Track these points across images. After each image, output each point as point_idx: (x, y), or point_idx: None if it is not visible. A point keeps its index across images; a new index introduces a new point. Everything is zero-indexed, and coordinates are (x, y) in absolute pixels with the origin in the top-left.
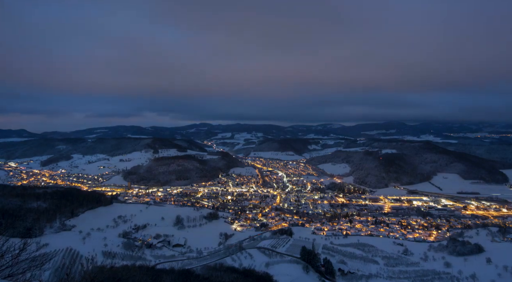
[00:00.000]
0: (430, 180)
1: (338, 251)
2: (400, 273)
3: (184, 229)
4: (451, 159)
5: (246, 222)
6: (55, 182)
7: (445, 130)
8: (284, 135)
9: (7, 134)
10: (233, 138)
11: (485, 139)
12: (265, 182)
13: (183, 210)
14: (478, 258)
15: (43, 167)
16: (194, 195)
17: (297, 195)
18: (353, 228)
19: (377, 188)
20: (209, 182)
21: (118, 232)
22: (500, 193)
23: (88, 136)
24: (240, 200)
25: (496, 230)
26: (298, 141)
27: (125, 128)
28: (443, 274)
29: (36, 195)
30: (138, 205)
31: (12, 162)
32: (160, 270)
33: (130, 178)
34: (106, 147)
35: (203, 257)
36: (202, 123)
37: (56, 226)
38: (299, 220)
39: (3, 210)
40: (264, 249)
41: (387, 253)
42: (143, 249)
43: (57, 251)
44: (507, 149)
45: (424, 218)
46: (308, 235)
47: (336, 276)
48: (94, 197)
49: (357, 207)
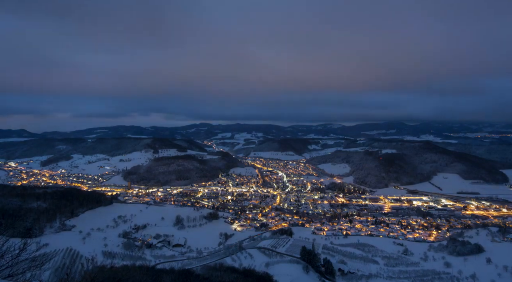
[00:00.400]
0: (430, 180)
1: (338, 251)
2: (400, 273)
3: (184, 229)
4: (451, 159)
5: (246, 222)
6: (55, 182)
7: (445, 130)
8: (284, 135)
9: (7, 134)
10: (233, 138)
11: (485, 139)
12: (265, 182)
13: (183, 210)
14: (478, 258)
15: (43, 167)
16: (194, 195)
17: (297, 195)
18: (353, 228)
19: (377, 188)
20: (209, 182)
21: (118, 232)
22: (500, 193)
23: (88, 137)
24: (240, 200)
25: (496, 230)
26: (298, 141)
27: (125, 128)
28: (443, 274)
29: (36, 195)
30: (138, 205)
31: (12, 162)
32: (160, 270)
33: (130, 178)
34: (106, 147)
35: (203, 257)
36: (202, 123)
37: (56, 226)
38: (299, 220)
39: (3, 210)
40: (264, 249)
41: (387, 253)
42: (143, 249)
43: (57, 251)
44: (507, 149)
45: (424, 218)
46: (308, 235)
47: (336, 276)
48: (94, 197)
49: (357, 207)
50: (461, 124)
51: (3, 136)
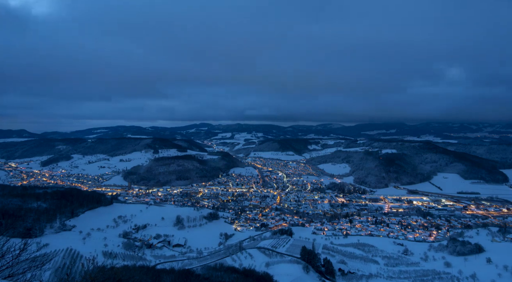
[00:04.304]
0: (430, 180)
1: (338, 251)
2: (400, 273)
3: (184, 229)
4: (451, 159)
5: (246, 222)
6: (55, 182)
7: (445, 130)
8: (284, 135)
9: (7, 135)
10: (233, 139)
11: (485, 139)
12: (265, 182)
13: (183, 210)
14: (478, 258)
15: (43, 167)
16: (194, 195)
17: (297, 195)
18: (353, 228)
19: (377, 188)
20: (209, 182)
21: (118, 232)
22: (500, 193)
23: (88, 137)
24: (240, 200)
25: (496, 230)
26: (298, 141)
27: (125, 128)
28: (443, 274)
29: (36, 195)
30: (138, 205)
31: (12, 162)
32: (160, 270)
33: (130, 178)
34: (106, 147)
35: (203, 257)
36: (202, 124)
37: (56, 226)
38: (299, 220)
39: (3, 210)
40: (264, 249)
41: (387, 253)
42: (143, 249)
43: (57, 251)
44: (507, 149)
45: (424, 218)
46: (308, 235)
47: (336, 276)
48: (94, 197)
49: (357, 207)
50: (461, 124)
51: (3, 136)
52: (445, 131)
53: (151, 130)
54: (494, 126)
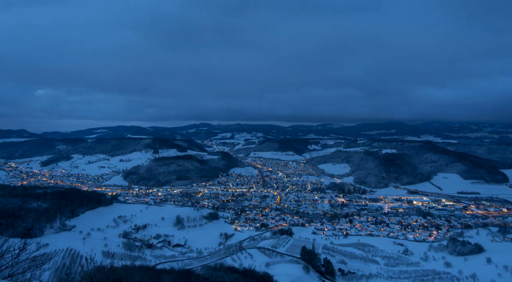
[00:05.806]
0: (430, 180)
1: (338, 251)
2: (400, 273)
3: (184, 229)
4: (451, 159)
5: (246, 222)
6: (55, 182)
7: (445, 130)
8: (284, 135)
9: (7, 135)
10: (233, 139)
11: (485, 139)
12: (265, 182)
13: (183, 210)
14: (478, 258)
15: (43, 167)
16: (194, 195)
17: (297, 195)
18: (353, 228)
19: (377, 188)
20: (209, 182)
21: (118, 232)
22: (500, 193)
23: (88, 137)
24: (240, 200)
25: (496, 230)
26: (298, 140)
27: (125, 128)
28: (443, 274)
29: (36, 195)
30: (138, 205)
31: (12, 162)
32: (160, 270)
33: (130, 178)
34: (106, 147)
35: (203, 257)
36: (202, 124)
37: (56, 226)
38: (299, 220)
39: (3, 210)
40: (264, 249)
41: (387, 253)
42: (143, 249)
43: (57, 251)
44: (507, 149)
45: (424, 218)
46: (308, 235)
47: (336, 276)
48: (94, 197)
49: (357, 207)
50: (461, 124)
51: (3, 136)
52: (445, 131)
53: (151, 130)
54: (494, 126)
